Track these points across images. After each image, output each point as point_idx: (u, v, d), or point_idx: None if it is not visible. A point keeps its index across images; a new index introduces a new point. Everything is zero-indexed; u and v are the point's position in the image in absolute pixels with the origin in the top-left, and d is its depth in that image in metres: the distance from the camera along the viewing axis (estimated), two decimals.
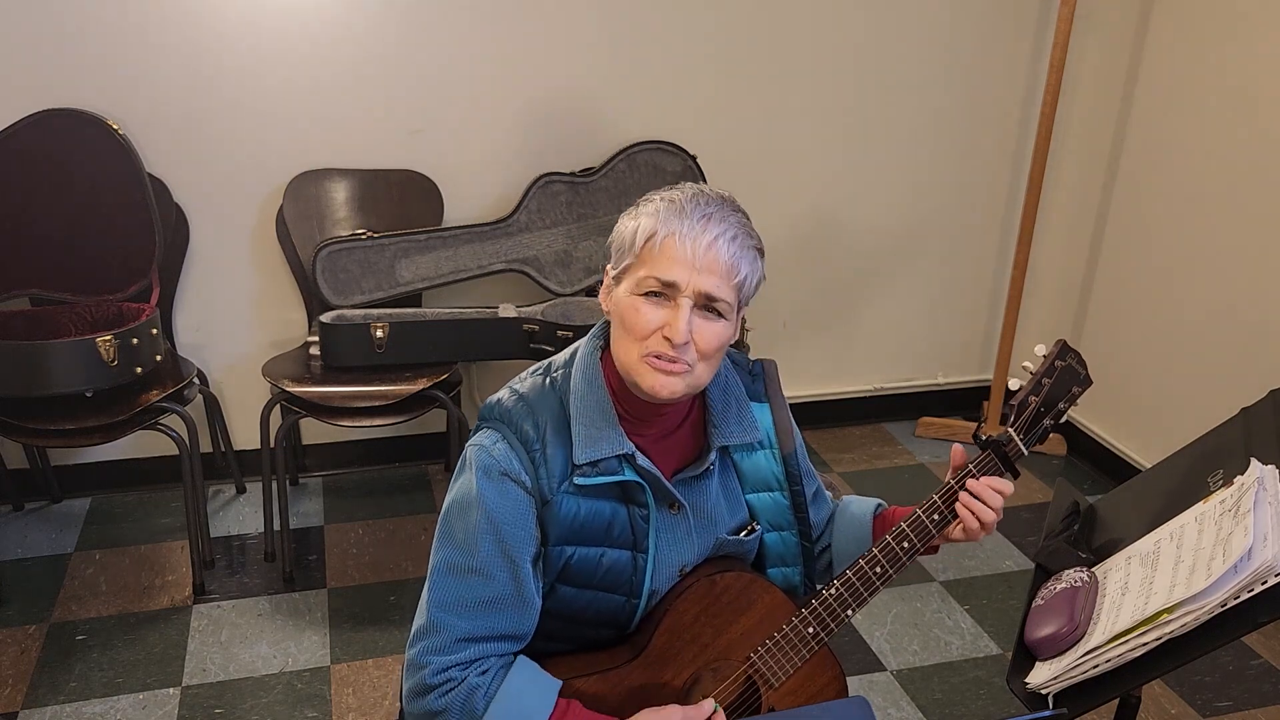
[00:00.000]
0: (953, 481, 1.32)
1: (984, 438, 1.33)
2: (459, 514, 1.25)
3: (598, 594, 1.30)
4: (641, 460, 1.26)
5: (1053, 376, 1.34)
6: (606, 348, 1.30)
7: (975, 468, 1.32)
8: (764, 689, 1.34)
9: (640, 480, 1.27)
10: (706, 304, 1.20)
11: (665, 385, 1.20)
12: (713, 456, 1.32)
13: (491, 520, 1.22)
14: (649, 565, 1.30)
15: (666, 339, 1.18)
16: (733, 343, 1.28)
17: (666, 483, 1.28)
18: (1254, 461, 1.25)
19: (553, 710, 1.23)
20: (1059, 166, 3.23)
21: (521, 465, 1.23)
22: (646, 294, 1.20)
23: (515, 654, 1.29)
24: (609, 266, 1.28)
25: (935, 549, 1.38)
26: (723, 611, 1.32)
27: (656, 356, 1.20)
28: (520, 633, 1.27)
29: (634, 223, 1.22)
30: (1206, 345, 2.80)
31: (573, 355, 1.31)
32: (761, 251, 1.25)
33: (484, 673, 1.24)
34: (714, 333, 1.21)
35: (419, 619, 1.27)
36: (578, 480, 1.24)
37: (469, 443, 1.28)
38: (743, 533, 1.38)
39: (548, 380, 1.29)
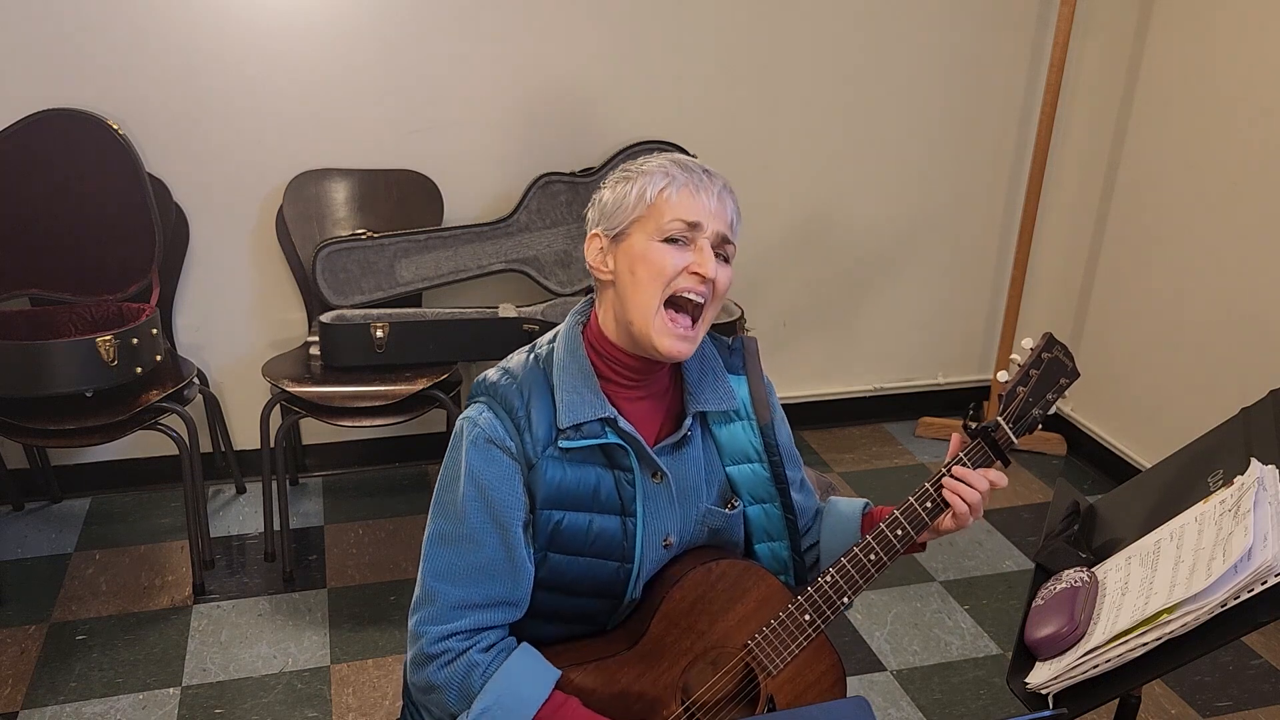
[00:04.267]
0: (945, 469, 1.33)
1: (974, 426, 1.34)
2: (448, 486, 1.30)
3: (591, 561, 1.32)
4: (623, 423, 1.29)
5: (1040, 368, 1.35)
6: (587, 322, 1.36)
7: (966, 456, 1.34)
8: (762, 676, 1.35)
9: (623, 444, 1.30)
10: (720, 248, 1.29)
11: (680, 350, 1.27)
12: (689, 421, 1.36)
13: (479, 487, 1.26)
14: (639, 529, 1.32)
15: (695, 274, 1.26)
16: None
17: (648, 448, 1.31)
18: (1254, 461, 1.25)
19: (548, 700, 1.25)
20: (1059, 166, 3.23)
21: (506, 432, 1.27)
22: (667, 239, 1.26)
23: (513, 629, 1.31)
24: (598, 230, 1.32)
25: (922, 547, 1.39)
26: (718, 599, 1.33)
27: (675, 306, 1.26)
28: (514, 598, 1.30)
29: (633, 183, 1.29)
30: (1206, 345, 2.80)
31: (555, 334, 1.37)
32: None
33: (485, 650, 1.27)
34: (727, 275, 1.29)
35: (416, 590, 1.31)
36: (562, 444, 1.28)
37: (459, 417, 1.33)
38: (726, 506, 1.41)
39: (532, 356, 1.35)
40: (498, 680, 1.24)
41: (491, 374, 1.34)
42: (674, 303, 1.27)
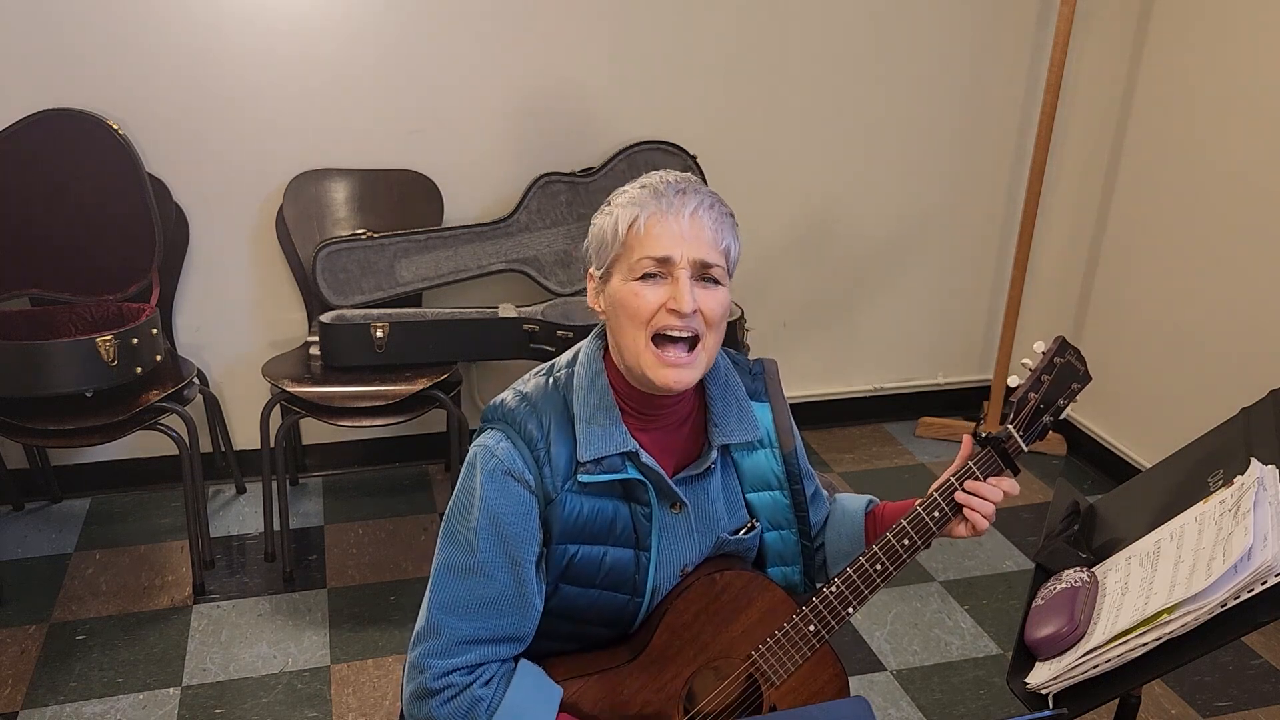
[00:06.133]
0: (954, 479, 1.32)
1: (983, 435, 1.33)
2: (461, 515, 1.26)
3: (601, 593, 1.30)
4: (645, 458, 1.26)
5: (1052, 373, 1.34)
6: (608, 349, 1.31)
7: (975, 466, 1.32)
8: (765, 687, 1.34)
9: (643, 478, 1.27)
10: (702, 273, 1.22)
11: (676, 379, 1.22)
12: (714, 455, 1.33)
13: (494, 520, 1.23)
14: (651, 564, 1.30)
15: (673, 311, 1.20)
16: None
17: (669, 481, 1.28)
18: (1254, 461, 1.25)
19: None
20: (1059, 166, 3.23)
21: (525, 464, 1.24)
22: (642, 277, 1.21)
23: (517, 658, 1.29)
24: (592, 269, 1.29)
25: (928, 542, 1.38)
26: (722, 610, 1.32)
27: (663, 341, 1.21)
28: (521, 634, 1.28)
29: (610, 217, 1.25)
30: (1206, 345, 2.80)
31: (575, 355, 1.32)
32: (735, 221, 1.28)
33: (487, 683, 1.24)
34: (716, 299, 1.23)
35: (420, 621, 1.27)
36: (581, 478, 1.24)
37: (473, 444, 1.29)
38: (743, 531, 1.38)
39: (551, 380, 1.30)
40: (503, 714, 1.22)
41: (508, 398, 1.29)
42: (663, 338, 1.22)
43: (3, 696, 2.19)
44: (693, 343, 1.23)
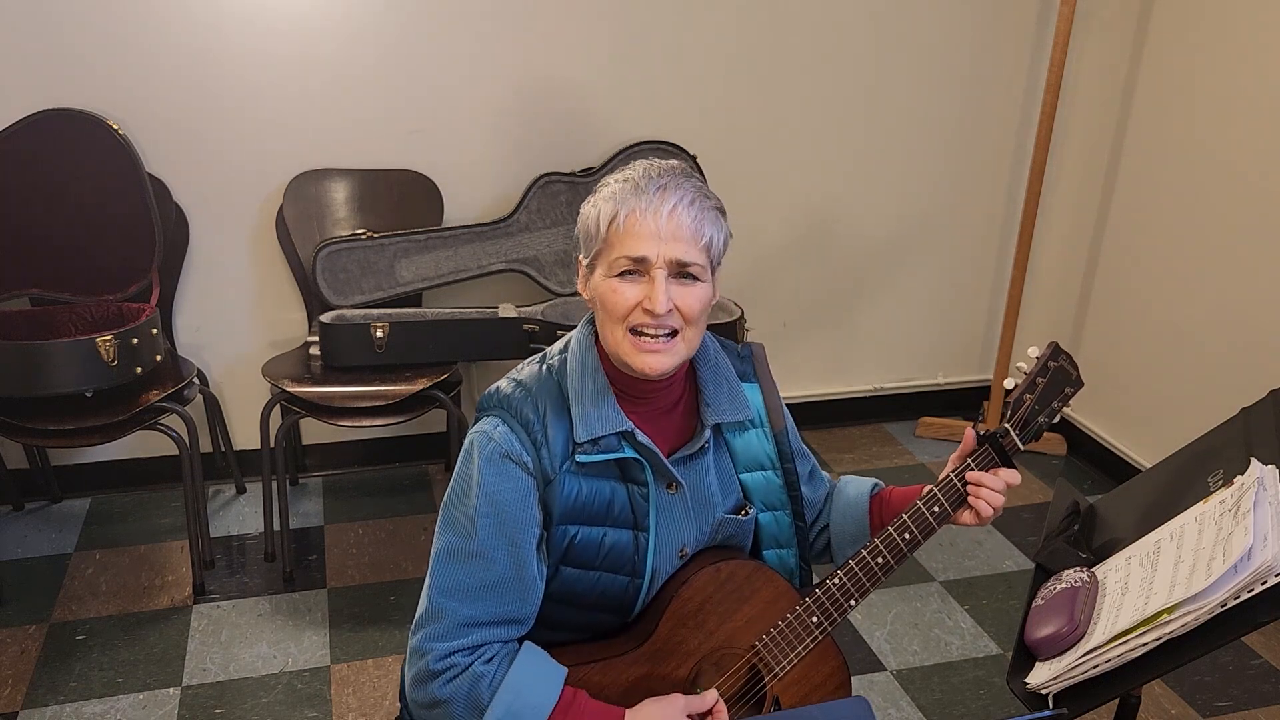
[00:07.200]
0: (953, 475, 1.34)
1: (981, 432, 1.34)
2: (459, 500, 1.27)
3: (601, 575, 1.31)
4: (641, 437, 1.28)
5: (1046, 376, 1.36)
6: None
7: (974, 462, 1.34)
8: (768, 678, 1.35)
9: (640, 458, 1.29)
10: (680, 271, 1.23)
11: (654, 364, 1.24)
12: (707, 434, 1.35)
13: (492, 503, 1.24)
14: (650, 544, 1.31)
15: (647, 311, 1.22)
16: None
17: (664, 460, 1.30)
18: (1254, 461, 1.25)
19: (558, 700, 1.24)
20: (1059, 166, 3.23)
21: (523, 447, 1.25)
22: (621, 274, 1.23)
23: (520, 640, 1.30)
24: (580, 256, 1.31)
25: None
26: (726, 600, 1.33)
27: (640, 334, 1.23)
28: (522, 616, 1.28)
29: (594, 209, 1.26)
30: (1206, 346, 2.80)
31: (567, 343, 1.34)
32: (722, 210, 1.28)
33: (489, 660, 1.25)
34: (694, 296, 1.24)
35: (421, 606, 1.28)
36: (579, 459, 1.26)
37: (470, 430, 1.30)
38: (740, 513, 1.40)
39: (545, 367, 1.33)
40: (506, 690, 1.22)
41: (503, 385, 1.31)
42: (639, 332, 1.24)
43: (3, 696, 2.19)
44: (672, 334, 1.25)
